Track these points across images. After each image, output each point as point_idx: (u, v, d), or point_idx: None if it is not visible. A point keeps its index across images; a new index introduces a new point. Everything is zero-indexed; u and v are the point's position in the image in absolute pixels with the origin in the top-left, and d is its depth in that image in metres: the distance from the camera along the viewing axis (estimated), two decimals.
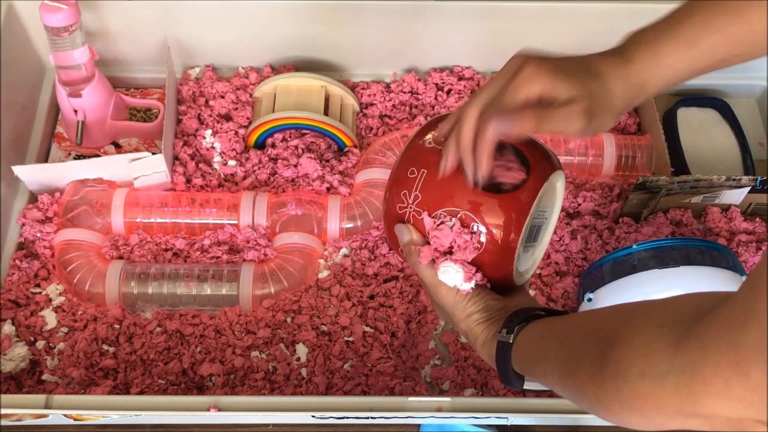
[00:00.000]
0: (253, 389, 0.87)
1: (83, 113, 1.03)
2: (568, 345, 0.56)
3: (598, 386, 0.50)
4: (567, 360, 0.55)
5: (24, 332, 0.91)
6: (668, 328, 0.46)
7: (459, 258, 0.64)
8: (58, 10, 0.94)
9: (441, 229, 0.64)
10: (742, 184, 0.96)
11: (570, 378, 0.54)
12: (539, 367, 0.59)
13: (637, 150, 1.04)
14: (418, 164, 0.66)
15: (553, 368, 0.57)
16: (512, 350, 0.62)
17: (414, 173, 0.66)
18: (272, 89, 1.08)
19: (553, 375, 0.57)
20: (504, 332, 0.62)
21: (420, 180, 0.65)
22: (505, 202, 0.64)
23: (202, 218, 0.98)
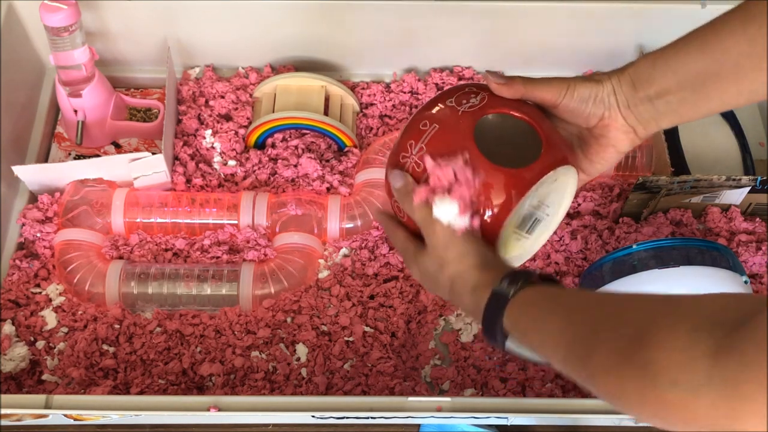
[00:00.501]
0: (253, 389, 0.87)
1: (83, 113, 1.03)
2: (579, 323, 0.53)
3: (616, 381, 0.48)
4: (576, 340, 0.53)
5: (24, 332, 0.91)
6: (705, 333, 0.43)
7: (456, 194, 0.64)
8: (58, 10, 0.94)
9: (443, 167, 0.64)
10: (742, 184, 0.96)
11: (577, 361, 0.52)
12: (537, 335, 0.57)
13: (637, 150, 1.04)
14: (433, 119, 0.66)
15: (556, 343, 0.55)
16: (507, 306, 0.60)
17: (426, 126, 0.66)
18: (272, 89, 1.08)
19: (555, 350, 0.55)
20: (504, 284, 0.60)
21: (430, 134, 0.65)
22: (507, 177, 0.64)
23: (202, 218, 0.98)
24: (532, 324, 0.58)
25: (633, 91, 0.65)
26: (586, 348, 0.51)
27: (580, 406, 0.78)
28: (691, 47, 0.64)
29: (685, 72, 0.63)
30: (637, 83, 0.65)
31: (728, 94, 0.63)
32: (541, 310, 0.58)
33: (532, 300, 0.59)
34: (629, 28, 1.08)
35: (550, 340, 0.55)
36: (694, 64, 0.63)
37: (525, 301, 0.59)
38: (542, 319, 0.57)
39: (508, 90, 0.67)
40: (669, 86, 0.64)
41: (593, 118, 0.67)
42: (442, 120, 0.65)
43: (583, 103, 0.67)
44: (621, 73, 0.66)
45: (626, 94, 0.66)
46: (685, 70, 0.63)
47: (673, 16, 1.06)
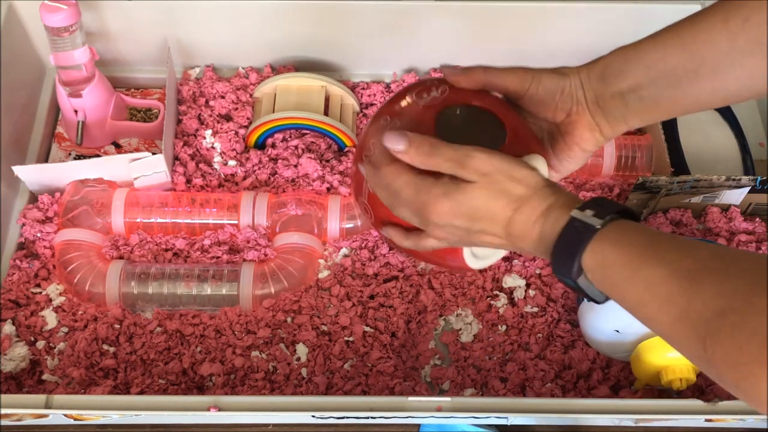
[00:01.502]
0: (253, 389, 0.87)
1: (83, 113, 1.03)
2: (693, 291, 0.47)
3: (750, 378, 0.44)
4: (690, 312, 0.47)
5: (24, 332, 0.91)
6: None
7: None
8: (59, 11, 0.94)
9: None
10: (742, 184, 0.96)
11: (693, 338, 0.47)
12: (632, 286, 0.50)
13: (637, 150, 1.04)
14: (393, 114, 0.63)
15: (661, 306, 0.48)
16: (592, 240, 0.52)
17: (386, 121, 0.63)
18: (272, 89, 1.08)
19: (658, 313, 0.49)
20: (589, 213, 0.53)
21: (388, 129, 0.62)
22: None
23: (202, 218, 0.98)
24: (626, 270, 0.51)
25: (603, 85, 0.63)
26: (707, 330, 0.46)
27: (580, 406, 0.78)
28: (668, 41, 0.61)
29: (660, 67, 0.61)
30: (607, 77, 0.62)
31: (704, 92, 0.61)
32: (642, 256, 0.51)
33: (626, 239, 0.52)
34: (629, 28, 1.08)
35: (652, 300, 0.49)
36: (670, 58, 0.60)
37: (616, 239, 0.52)
38: (642, 269, 0.50)
39: (466, 80, 0.64)
40: (642, 81, 0.61)
41: (561, 113, 0.64)
42: (403, 114, 0.63)
43: (550, 95, 0.64)
44: (590, 67, 0.64)
45: (595, 89, 0.63)
46: (661, 65, 0.61)
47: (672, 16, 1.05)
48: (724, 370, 0.46)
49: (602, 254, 0.52)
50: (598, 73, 0.63)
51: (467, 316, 0.93)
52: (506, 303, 0.94)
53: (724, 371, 0.46)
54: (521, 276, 0.95)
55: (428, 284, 0.95)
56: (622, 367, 0.89)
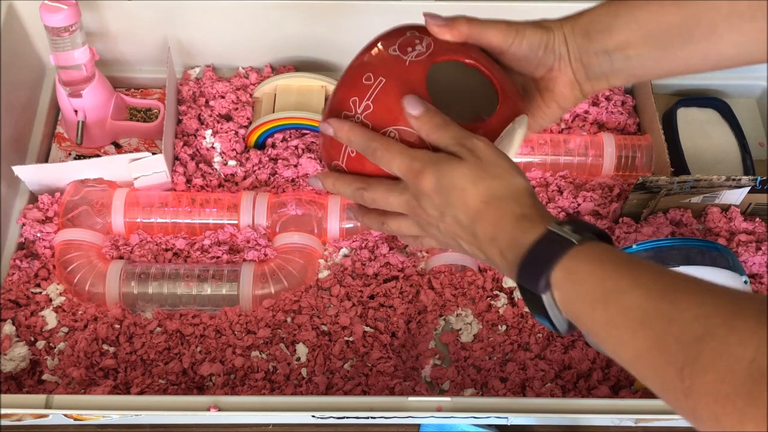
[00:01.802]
0: (253, 389, 0.87)
1: (83, 113, 1.03)
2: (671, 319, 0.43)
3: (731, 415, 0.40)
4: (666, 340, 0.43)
5: (24, 332, 0.91)
6: None
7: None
8: (59, 11, 0.94)
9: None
10: (742, 184, 0.96)
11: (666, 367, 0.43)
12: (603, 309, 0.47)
13: (637, 150, 1.04)
14: (377, 71, 0.59)
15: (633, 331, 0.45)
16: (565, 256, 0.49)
17: (370, 80, 0.59)
18: (272, 89, 1.08)
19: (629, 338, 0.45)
20: (567, 228, 0.51)
21: (376, 89, 0.59)
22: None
23: (202, 218, 0.98)
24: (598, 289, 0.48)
25: (587, 41, 0.60)
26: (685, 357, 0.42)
27: (580, 406, 0.78)
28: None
29: (653, 25, 0.58)
30: (593, 33, 0.60)
31: (695, 56, 0.58)
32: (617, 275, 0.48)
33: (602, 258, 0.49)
34: None
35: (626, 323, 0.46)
36: (665, 17, 0.58)
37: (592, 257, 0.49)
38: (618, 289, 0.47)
39: (450, 32, 0.61)
40: (631, 39, 0.59)
41: (542, 68, 0.62)
42: (389, 72, 0.59)
43: (533, 51, 0.61)
44: (575, 21, 0.61)
45: (579, 45, 0.60)
46: (654, 23, 0.58)
47: None
48: (703, 403, 0.42)
49: (575, 269, 0.50)
50: (583, 28, 0.60)
51: (467, 316, 0.93)
52: (506, 303, 0.94)
53: (703, 404, 0.42)
54: None
55: (428, 284, 0.95)
56: (622, 367, 0.89)
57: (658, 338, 0.44)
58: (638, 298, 0.46)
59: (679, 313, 0.43)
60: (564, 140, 1.04)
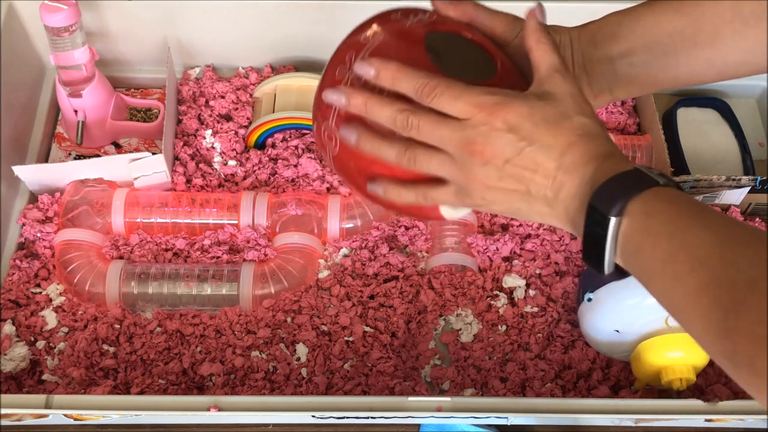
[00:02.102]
0: (253, 389, 0.87)
1: (83, 113, 1.03)
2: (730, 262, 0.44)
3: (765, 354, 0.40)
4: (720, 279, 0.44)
5: (24, 332, 0.91)
6: None
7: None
8: (59, 11, 0.94)
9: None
10: (742, 184, 0.96)
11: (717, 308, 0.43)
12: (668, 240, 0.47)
13: (637, 150, 1.04)
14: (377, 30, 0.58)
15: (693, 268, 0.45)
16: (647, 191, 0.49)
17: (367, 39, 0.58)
18: (272, 89, 1.08)
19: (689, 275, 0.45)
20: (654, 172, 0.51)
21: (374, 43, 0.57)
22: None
23: (202, 218, 0.98)
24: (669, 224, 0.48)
25: (592, 48, 0.59)
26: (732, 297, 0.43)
27: (580, 406, 0.78)
28: (667, 6, 0.58)
29: (656, 32, 0.58)
30: (599, 40, 0.59)
31: (699, 63, 0.58)
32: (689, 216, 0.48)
33: (678, 200, 0.49)
34: None
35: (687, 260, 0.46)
36: (668, 24, 0.57)
37: (669, 197, 0.49)
38: (687, 227, 0.47)
39: (455, 10, 0.60)
40: (635, 46, 0.58)
41: None
42: (388, 30, 0.57)
43: None
44: (582, 28, 0.61)
45: (584, 51, 0.60)
46: (657, 30, 0.58)
47: None
48: (741, 343, 0.42)
49: (652, 203, 0.49)
50: (589, 36, 0.60)
51: (467, 316, 0.93)
52: (506, 303, 0.94)
53: (741, 344, 0.42)
54: (521, 276, 0.95)
55: (428, 284, 0.95)
56: (622, 367, 0.89)
57: (714, 278, 0.44)
58: (703, 237, 0.46)
59: (739, 258, 0.44)
60: None
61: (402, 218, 0.99)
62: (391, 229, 0.99)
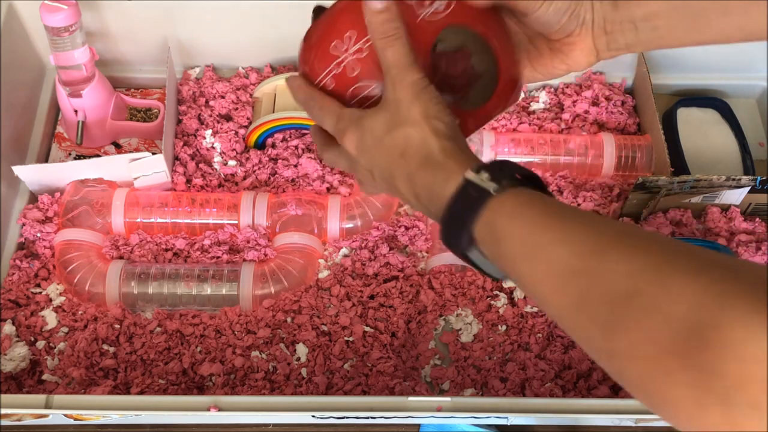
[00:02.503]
0: (253, 389, 0.87)
1: (83, 113, 1.03)
2: (597, 276, 0.40)
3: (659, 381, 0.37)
4: (592, 296, 0.40)
5: (24, 332, 0.91)
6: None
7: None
8: (59, 11, 0.94)
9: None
10: (742, 184, 0.96)
11: (592, 326, 0.40)
12: (527, 262, 0.44)
13: (637, 150, 1.04)
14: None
15: (559, 286, 0.42)
16: (486, 207, 0.46)
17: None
18: (272, 89, 1.08)
19: (554, 294, 0.42)
20: (484, 175, 0.47)
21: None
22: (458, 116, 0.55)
23: (202, 218, 0.98)
24: (521, 246, 0.44)
25: (614, 10, 0.57)
26: (610, 314, 0.39)
27: (580, 406, 0.78)
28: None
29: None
30: (621, 3, 0.57)
31: (730, 26, 0.55)
32: (541, 230, 0.44)
33: (524, 210, 0.45)
34: None
35: (550, 280, 0.43)
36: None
37: (512, 209, 0.46)
38: (541, 245, 0.43)
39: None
40: (660, 10, 0.56)
41: (561, 33, 0.58)
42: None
43: (557, 17, 0.57)
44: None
45: (605, 13, 0.57)
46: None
47: None
48: (628, 365, 0.39)
49: (496, 224, 0.46)
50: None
51: (467, 316, 0.93)
52: (506, 303, 0.94)
53: (628, 366, 0.39)
54: None
55: (428, 284, 0.95)
56: None
57: (582, 295, 0.41)
58: (563, 252, 0.42)
59: (607, 269, 0.40)
60: (564, 140, 1.04)
61: (402, 218, 0.99)
62: (391, 229, 0.99)
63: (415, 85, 0.52)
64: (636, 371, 0.38)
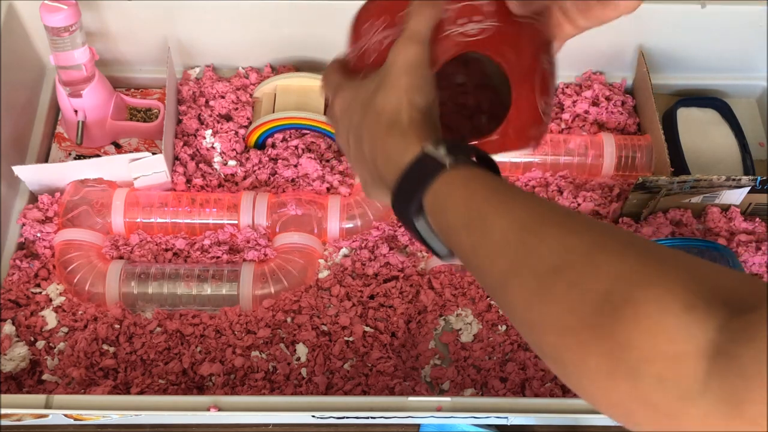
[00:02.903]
0: (253, 389, 0.87)
1: (83, 113, 1.03)
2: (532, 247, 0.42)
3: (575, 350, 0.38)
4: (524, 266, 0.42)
5: (24, 332, 0.91)
6: (701, 315, 0.34)
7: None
8: (59, 10, 0.94)
9: None
10: (742, 184, 0.96)
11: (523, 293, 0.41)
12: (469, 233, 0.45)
13: (637, 150, 1.04)
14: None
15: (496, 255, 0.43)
16: (437, 179, 0.48)
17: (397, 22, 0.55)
18: (272, 89, 1.08)
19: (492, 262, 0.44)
20: (441, 150, 0.49)
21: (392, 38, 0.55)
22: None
23: (202, 218, 0.98)
24: (464, 217, 0.46)
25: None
26: (538, 286, 0.41)
27: (580, 406, 0.78)
28: None
29: None
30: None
31: None
32: (485, 203, 0.46)
33: (473, 184, 0.47)
34: (629, 29, 1.08)
35: (485, 248, 0.44)
36: None
37: (463, 182, 0.48)
38: (482, 216, 0.45)
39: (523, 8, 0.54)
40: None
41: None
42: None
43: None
44: None
45: None
46: None
47: (673, 16, 1.06)
48: (546, 337, 0.40)
49: (445, 194, 0.48)
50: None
51: (467, 316, 0.93)
52: None
53: (546, 338, 0.40)
54: None
55: (428, 284, 0.95)
56: None
57: (514, 266, 0.42)
58: (502, 224, 0.44)
59: (541, 243, 0.42)
60: (564, 140, 1.04)
61: None
62: (391, 229, 0.99)
63: (415, 56, 0.53)
64: (554, 342, 0.40)
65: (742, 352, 0.33)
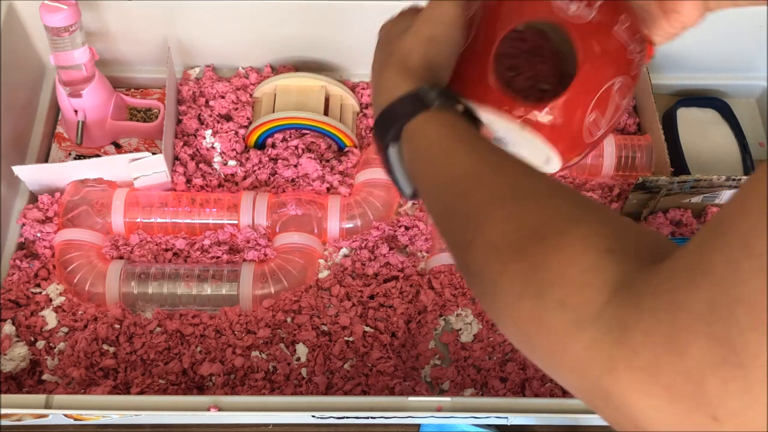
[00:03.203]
0: (253, 389, 0.87)
1: (83, 113, 1.03)
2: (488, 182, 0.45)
3: (495, 266, 0.41)
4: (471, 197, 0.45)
5: (24, 332, 0.91)
6: (616, 259, 0.37)
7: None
8: (59, 10, 0.94)
9: None
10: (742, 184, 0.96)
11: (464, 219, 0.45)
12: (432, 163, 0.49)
13: (637, 150, 1.04)
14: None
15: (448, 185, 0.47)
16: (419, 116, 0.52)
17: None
18: (272, 89, 1.08)
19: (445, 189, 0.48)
20: (433, 93, 0.52)
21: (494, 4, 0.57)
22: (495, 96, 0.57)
23: (202, 218, 0.98)
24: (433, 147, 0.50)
25: None
26: (480, 213, 0.44)
27: (580, 405, 0.78)
28: None
29: None
30: None
31: None
32: (458, 140, 0.50)
33: (451, 125, 0.51)
34: None
35: (441, 177, 0.48)
36: None
37: (443, 121, 0.51)
38: (450, 150, 0.49)
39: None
40: None
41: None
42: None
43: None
44: None
45: None
46: None
47: None
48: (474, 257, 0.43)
49: (422, 128, 0.51)
50: None
51: (467, 316, 0.93)
52: None
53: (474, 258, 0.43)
54: None
55: (428, 284, 0.95)
56: None
57: (466, 193, 0.46)
58: (464, 160, 0.48)
59: (495, 178, 0.45)
60: None
61: (402, 218, 0.99)
62: (391, 229, 0.99)
63: (446, 12, 0.55)
64: (480, 260, 0.42)
65: (643, 290, 0.35)
